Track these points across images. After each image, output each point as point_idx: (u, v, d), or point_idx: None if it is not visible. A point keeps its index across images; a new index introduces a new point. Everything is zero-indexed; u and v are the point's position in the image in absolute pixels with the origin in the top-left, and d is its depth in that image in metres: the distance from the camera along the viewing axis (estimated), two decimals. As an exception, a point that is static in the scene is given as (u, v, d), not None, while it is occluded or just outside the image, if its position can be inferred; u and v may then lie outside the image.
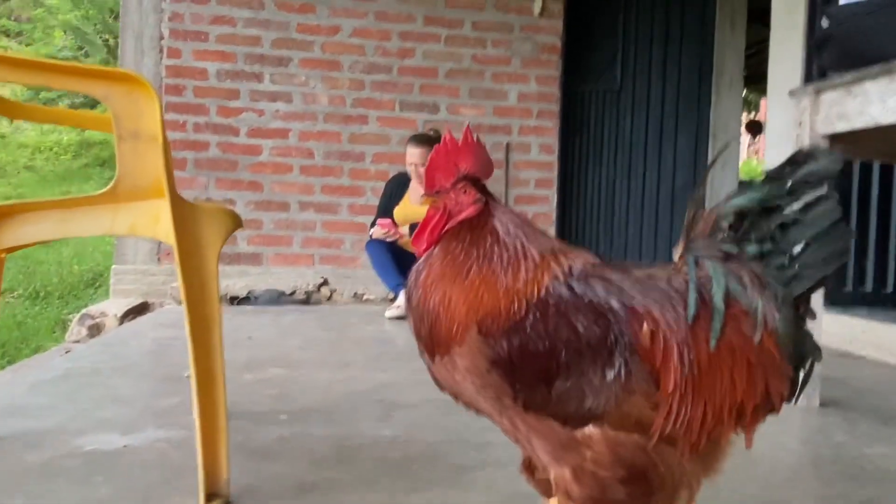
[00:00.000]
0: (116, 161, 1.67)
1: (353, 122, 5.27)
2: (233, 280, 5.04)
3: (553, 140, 5.48)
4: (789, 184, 1.18)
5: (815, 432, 2.24)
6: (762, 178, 1.22)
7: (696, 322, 1.14)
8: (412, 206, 4.86)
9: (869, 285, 4.12)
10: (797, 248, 1.16)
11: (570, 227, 5.90)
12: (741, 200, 1.19)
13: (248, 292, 4.93)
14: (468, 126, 1.30)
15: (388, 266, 4.60)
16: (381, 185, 5.01)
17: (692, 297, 1.16)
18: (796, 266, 1.16)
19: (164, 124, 1.68)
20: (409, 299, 1.22)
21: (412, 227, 4.70)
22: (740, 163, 6.47)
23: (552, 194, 5.54)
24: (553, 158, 5.52)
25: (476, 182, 1.22)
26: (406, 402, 2.53)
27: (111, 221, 1.72)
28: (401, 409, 2.43)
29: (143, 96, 1.62)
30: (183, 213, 1.69)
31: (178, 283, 1.68)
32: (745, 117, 10.91)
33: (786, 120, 3.90)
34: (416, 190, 4.87)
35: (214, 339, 1.72)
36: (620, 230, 5.88)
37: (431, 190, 1.19)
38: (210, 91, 5.15)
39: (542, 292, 1.11)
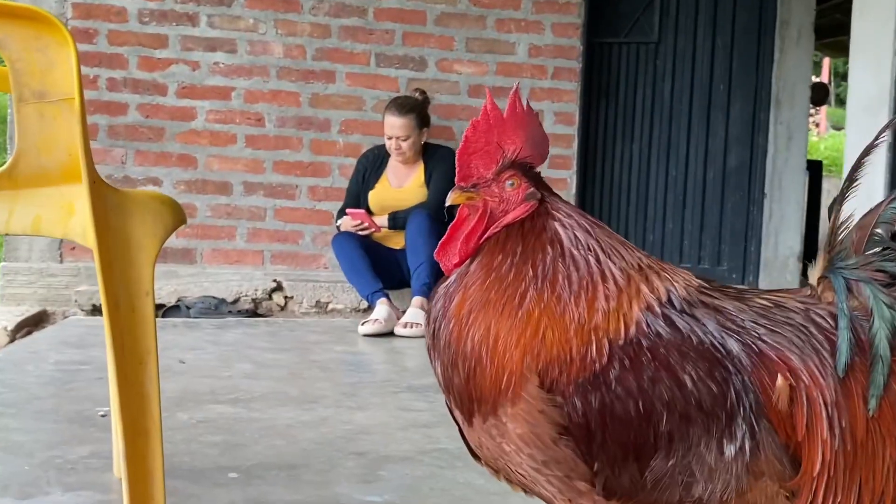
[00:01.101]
0: (15, 132, 1.55)
1: (315, 79, 5.20)
2: (157, 283, 4.84)
3: (573, 107, 5.42)
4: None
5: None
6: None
7: (850, 374, 1.07)
8: (392, 189, 4.83)
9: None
10: None
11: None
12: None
13: (178, 300, 4.84)
14: (517, 88, 1.23)
15: (360, 267, 4.56)
16: (352, 163, 5.02)
17: (844, 339, 1.08)
18: None
19: (81, 78, 1.54)
20: (434, 334, 1.16)
21: (393, 216, 4.68)
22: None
23: (570, 177, 5.49)
24: (572, 131, 5.46)
25: (528, 170, 1.18)
26: (396, 453, 2.46)
27: (6, 215, 1.61)
28: (390, 464, 2.36)
29: (53, 42, 1.50)
30: (106, 204, 1.60)
31: (100, 297, 1.61)
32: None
33: (880, 85, 3.82)
34: (396, 169, 4.85)
35: (148, 370, 1.65)
36: (656, 224, 5.84)
37: (467, 182, 1.17)
38: (129, 37, 5.04)
39: (632, 330, 1.09)
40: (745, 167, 5.76)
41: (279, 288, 5.05)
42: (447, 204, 1.16)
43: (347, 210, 4.70)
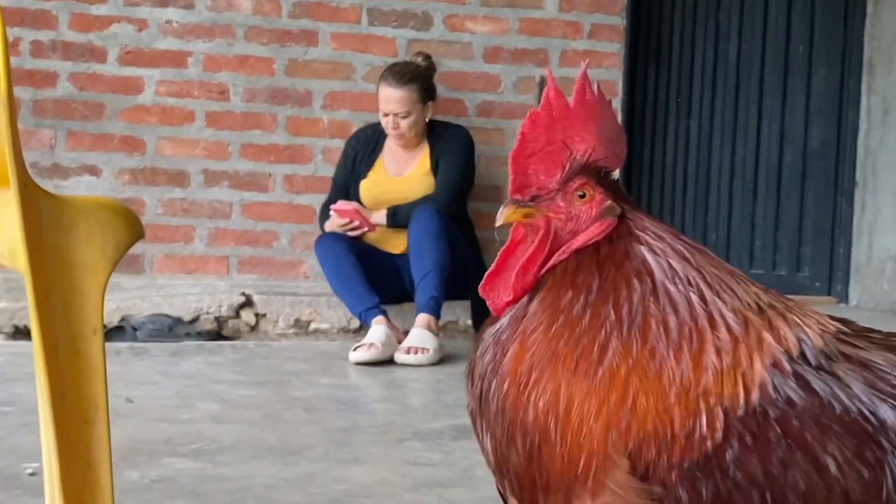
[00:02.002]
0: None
1: (292, 41, 5.19)
2: None
3: (615, 74, 5.41)
4: None
5: None
6: None
7: None
8: (389, 179, 4.81)
9: None
10: None
11: None
12: None
13: (122, 319, 4.83)
14: (585, 69, 1.21)
15: (351, 277, 4.54)
16: (339, 146, 5.02)
17: None
18: None
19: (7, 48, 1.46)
20: (481, 397, 1.14)
21: (393, 212, 4.67)
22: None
23: None
24: (614, 104, 5.39)
25: (603, 176, 1.18)
26: (408, 524, 2.44)
27: None
28: (400, 539, 2.31)
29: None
30: (42, 215, 1.55)
31: (33, 336, 1.56)
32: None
33: None
34: (395, 154, 4.83)
35: (97, 430, 1.67)
36: (720, 220, 5.81)
37: (524, 194, 1.16)
38: (59, -12, 5.08)
39: (754, 395, 1.05)
40: (831, 148, 5.75)
41: (249, 303, 5.02)
42: (497, 223, 1.14)
43: (333, 206, 4.68)
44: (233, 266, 5.18)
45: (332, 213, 4.68)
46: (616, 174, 1.18)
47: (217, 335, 4.88)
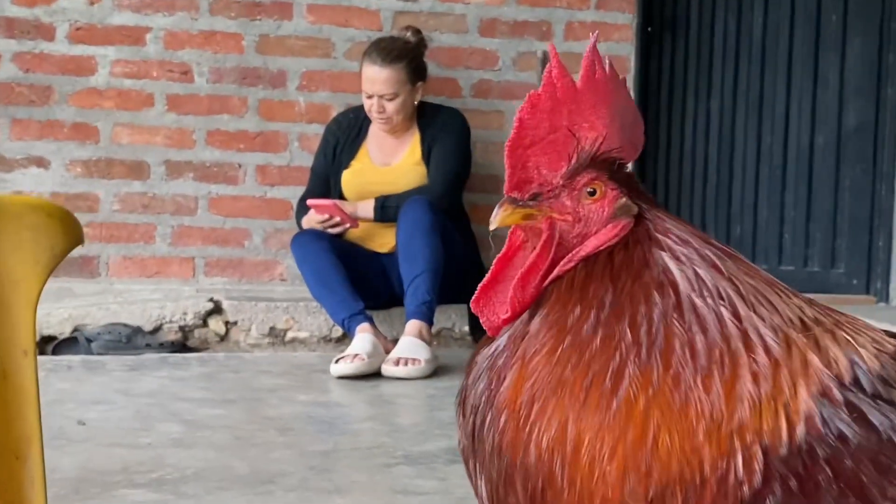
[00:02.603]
0: None
1: (264, 14, 5.19)
2: (45, 306, 4.83)
3: (626, 49, 5.43)
4: None
5: None
6: None
7: None
8: (375, 169, 4.81)
9: None
10: None
11: None
12: None
13: (75, 329, 4.81)
14: (594, 42, 1.19)
15: (332, 280, 4.53)
16: (318, 132, 5.03)
17: None
18: None
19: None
20: (474, 433, 1.13)
21: (381, 204, 4.66)
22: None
23: None
24: (626, 82, 5.36)
25: (616, 169, 1.16)
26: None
27: None
28: (388, 582, 2.28)
29: None
30: None
31: None
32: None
33: None
34: (381, 140, 4.82)
35: (28, 467, 1.61)
36: (744, 211, 5.81)
37: (523, 192, 1.14)
38: (-1, -43, 5.08)
39: (799, 430, 1.01)
40: (869, 129, 5.73)
41: (218, 310, 5.03)
42: (492, 227, 1.12)
43: (309, 201, 4.69)
44: (199, 268, 5.18)
45: (311, 209, 4.68)
46: (631, 166, 1.17)
47: (182, 346, 4.88)
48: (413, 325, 4.35)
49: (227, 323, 5.00)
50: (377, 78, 4.61)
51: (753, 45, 5.72)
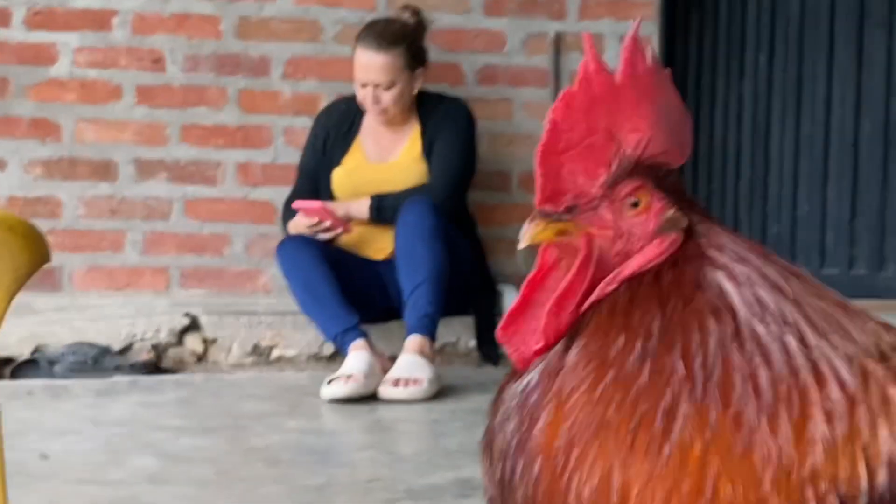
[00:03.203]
0: None
1: None
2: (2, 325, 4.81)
3: (650, 28, 5.40)
4: None
5: None
6: None
7: None
8: (370, 166, 4.82)
9: None
10: None
11: None
12: None
13: (35, 350, 4.83)
14: (636, 30, 1.16)
15: (323, 291, 4.53)
16: (305, 125, 5.06)
17: None
18: None
19: None
20: (503, 481, 1.12)
21: (378, 203, 4.68)
22: None
23: None
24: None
25: (663, 176, 1.15)
26: None
27: None
28: None
29: None
30: None
31: None
32: None
33: None
34: (377, 134, 4.83)
35: None
36: (782, 207, 5.80)
37: (557, 203, 1.14)
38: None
39: (881, 477, 1.01)
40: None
41: (195, 326, 5.04)
42: (521, 245, 1.11)
43: (296, 203, 4.69)
44: (174, 280, 5.19)
45: (299, 212, 4.68)
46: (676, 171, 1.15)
47: (155, 368, 4.87)
48: (413, 340, 4.34)
49: (205, 340, 5.00)
50: (372, 64, 4.62)
51: (790, 22, 5.70)
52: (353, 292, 4.51)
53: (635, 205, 1.10)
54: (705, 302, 1.06)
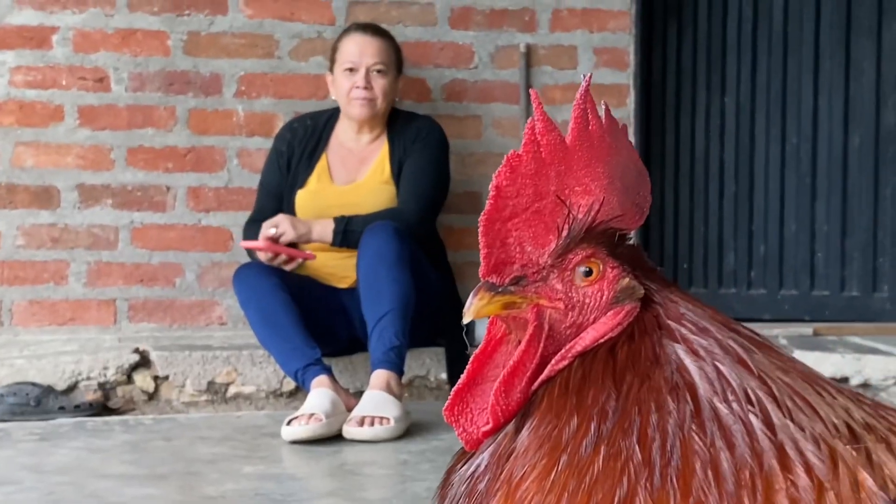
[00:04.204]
0: None
1: (193, 8, 5.25)
2: None
3: (625, 40, 5.50)
4: None
5: None
6: None
7: None
8: (335, 189, 4.84)
9: None
10: None
11: (657, 223, 5.86)
12: None
13: None
14: (588, 83, 1.16)
15: (283, 322, 4.51)
16: (260, 147, 5.10)
17: None
18: None
19: None
20: None
21: (344, 228, 4.66)
22: None
23: None
24: (625, 78, 5.53)
25: (617, 242, 1.16)
26: None
27: None
28: None
29: None
30: None
31: None
32: None
33: None
34: (344, 154, 4.86)
35: None
36: (768, 226, 5.84)
37: (502, 275, 1.14)
38: None
39: None
40: (914, 128, 5.78)
41: (145, 363, 5.01)
42: (466, 319, 1.11)
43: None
44: (122, 313, 5.19)
45: (260, 238, 4.64)
46: (634, 236, 1.17)
47: (103, 408, 4.84)
48: (379, 376, 4.31)
49: (156, 378, 4.97)
50: (367, 45, 4.71)
51: (774, 31, 5.75)
52: (315, 323, 4.51)
53: (588, 273, 1.11)
54: (663, 379, 1.06)
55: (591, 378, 1.07)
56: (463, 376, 1.13)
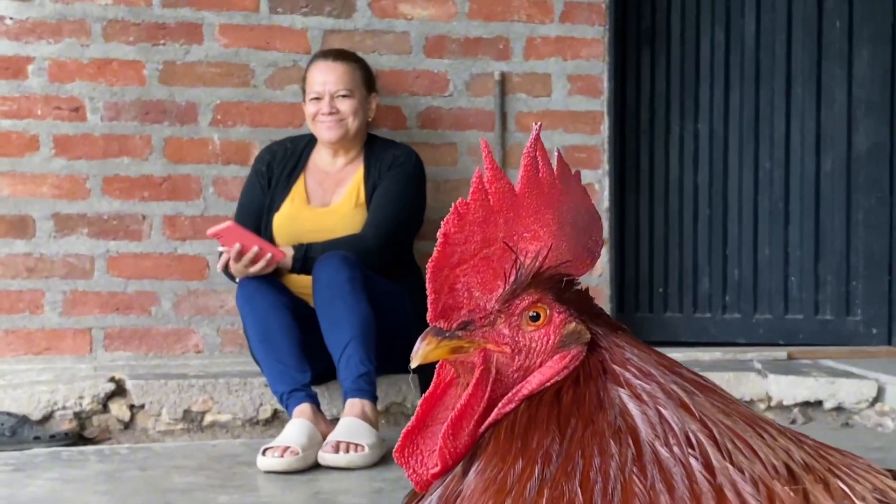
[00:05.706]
0: None
1: (168, 38, 5.25)
2: None
3: (598, 67, 5.48)
4: None
5: None
6: None
7: None
8: (310, 211, 4.82)
9: None
10: None
11: (632, 248, 5.88)
12: None
13: None
14: (538, 132, 1.17)
15: (279, 341, 4.47)
16: (237, 176, 5.10)
17: None
18: None
19: None
20: None
21: (303, 255, 4.62)
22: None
23: (599, 180, 5.51)
24: (599, 105, 5.50)
25: (563, 287, 1.16)
26: None
27: None
28: None
29: None
30: None
31: None
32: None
33: None
34: (322, 176, 4.86)
35: None
36: (742, 251, 5.86)
37: (450, 320, 1.15)
38: None
39: None
40: (884, 152, 5.79)
41: (121, 391, 4.97)
42: (413, 364, 1.12)
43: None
44: (97, 342, 5.16)
45: (220, 250, 4.55)
46: (582, 281, 1.16)
47: (78, 437, 4.80)
48: (353, 404, 4.28)
49: (132, 407, 4.94)
50: (330, 71, 4.71)
51: (746, 57, 5.78)
52: (311, 345, 4.46)
53: (535, 318, 1.10)
54: (606, 423, 1.06)
55: (537, 421, 1.07)
56: (413, 418, 1.13)
